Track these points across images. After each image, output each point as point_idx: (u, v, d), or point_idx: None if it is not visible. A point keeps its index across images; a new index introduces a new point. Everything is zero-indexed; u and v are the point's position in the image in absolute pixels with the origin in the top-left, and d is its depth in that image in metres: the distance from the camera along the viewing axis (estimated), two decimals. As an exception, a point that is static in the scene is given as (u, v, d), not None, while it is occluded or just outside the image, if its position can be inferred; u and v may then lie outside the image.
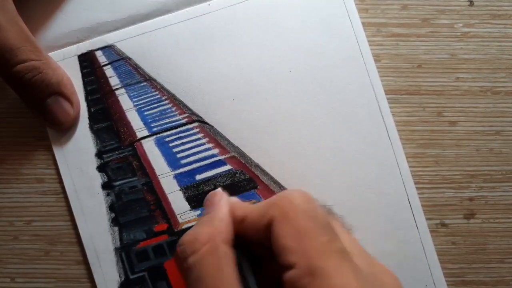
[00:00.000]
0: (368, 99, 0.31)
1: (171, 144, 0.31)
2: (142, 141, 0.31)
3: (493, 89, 0.32)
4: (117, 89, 0.32)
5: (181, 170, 0.31)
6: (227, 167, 0.31)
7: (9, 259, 0.32)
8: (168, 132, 0.31)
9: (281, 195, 0.24)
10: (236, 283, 0.22)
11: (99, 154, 0.31)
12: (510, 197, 0.31)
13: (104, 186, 0.31)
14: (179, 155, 0.31)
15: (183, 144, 0.31)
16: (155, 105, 0.32)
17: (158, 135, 0.31)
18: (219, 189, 0.29)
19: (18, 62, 0.28)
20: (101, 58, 0.32)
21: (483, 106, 0.32)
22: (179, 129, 0.31)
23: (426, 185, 0.31)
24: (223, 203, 0.26)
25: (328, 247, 0.22)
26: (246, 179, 0.31)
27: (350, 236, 0.28)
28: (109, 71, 0.32)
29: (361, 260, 0.24)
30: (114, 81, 0.32)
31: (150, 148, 0.31)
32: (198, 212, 0.30)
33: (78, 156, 0.31)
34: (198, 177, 0.31)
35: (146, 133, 0.31)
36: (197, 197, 0.31)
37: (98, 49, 0.32)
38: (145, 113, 0.32)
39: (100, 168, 0.31)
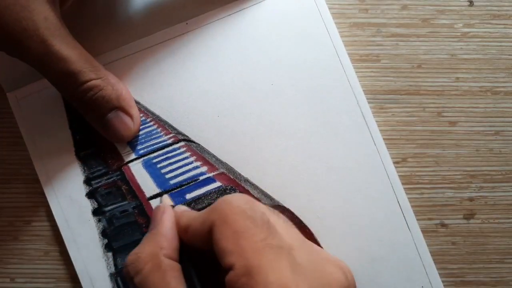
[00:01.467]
0: (351, 105, 0.31)
1: (159, 165, 0.31)
2: (130, 164, 0.31)
3: (493, 89, 0.32)
4: None
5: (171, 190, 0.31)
6: (217, 184, 0.31)
7: (9, 259, 0.32)
8: (155, 154, 0.31)
9: (221, 200, 0.25)
10: None
11: (87, 181, 0.31)
12: (510, 197, 0.31)
13: (95, 212, 0.31)
14: (167, 176, 0.31)
15: (171, 164, 0.31)
16: (140, 127, 0.32)
17: (145, 157, 0.31)
18: (164, 201, 0.29)
19: (80, 84, 0.28)
20: None
21: (483, 106, 0.32)
22: (165, 149, 0.31)
23: (426, 185, 0.31)
24: (166, 217, 0.26)
25: (264, 244, 0.22)
26: None
27: (293, 230, 0.28)
28: None
29: (302, 253, 0.24)
30: None
31: (138, 171, 0.31)
32: None
33: (66, 185, 0.31)
34: (189, 196, 0.31)
35: (133, 156, 0.31)
36: None
37: None
38: None
39: (90, 195, 0.31)
